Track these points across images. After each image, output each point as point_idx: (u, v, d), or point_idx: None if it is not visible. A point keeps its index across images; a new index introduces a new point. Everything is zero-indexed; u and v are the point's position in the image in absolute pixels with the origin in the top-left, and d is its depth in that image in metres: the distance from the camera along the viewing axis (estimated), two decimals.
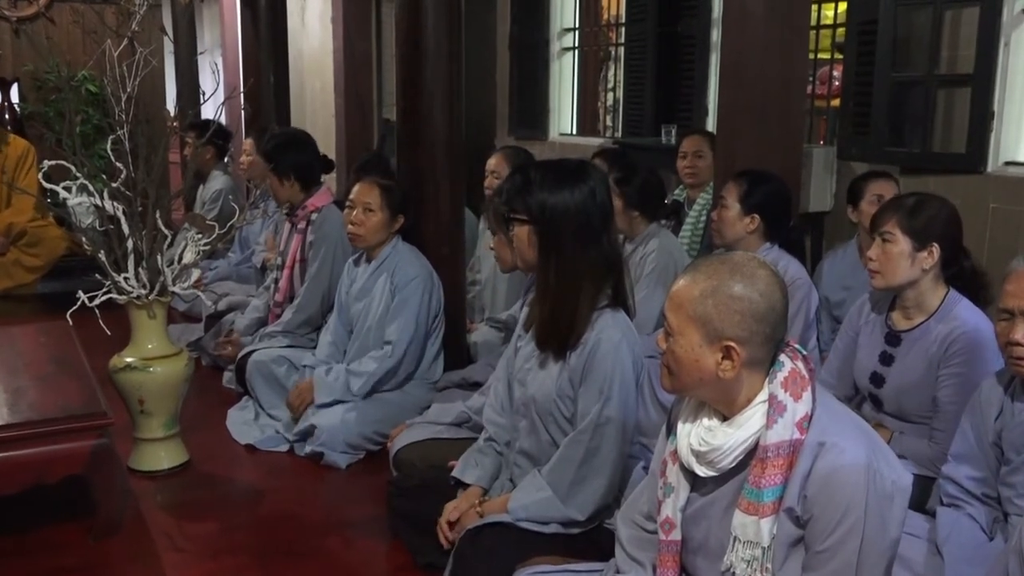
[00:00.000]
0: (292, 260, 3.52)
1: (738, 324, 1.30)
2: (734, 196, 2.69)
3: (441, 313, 3.10)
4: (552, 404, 1.93)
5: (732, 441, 1.34)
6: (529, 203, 1.89)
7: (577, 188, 1.86)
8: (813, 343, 2.74)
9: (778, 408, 1.31)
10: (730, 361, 1.32)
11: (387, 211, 3.03)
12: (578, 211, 1.86)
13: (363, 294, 3.12)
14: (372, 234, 3.03)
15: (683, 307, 1.33)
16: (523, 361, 2.02)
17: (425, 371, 3.09)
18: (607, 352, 1.85)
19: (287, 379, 3.22)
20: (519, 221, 1.92)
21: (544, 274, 1.88)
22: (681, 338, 1.34)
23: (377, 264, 3.09)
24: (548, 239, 1.87)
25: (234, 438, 3.11)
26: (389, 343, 2.99)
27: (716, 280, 1.32)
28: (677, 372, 1.36)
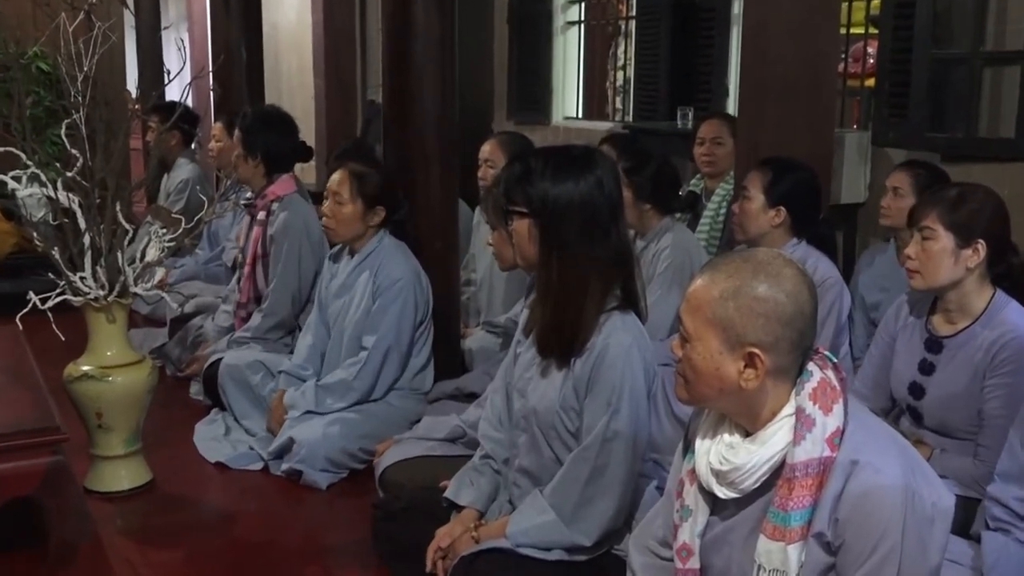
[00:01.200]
0: (253, 256, 3.53)
1: (762, 328, 1.31)
2: (757, 187, 2.70)
3: (429, 319, 3.12)
4: (555, 417, 1.93)
5: (756, 459, 1.35)
6: (529, 194, 1.89)
7: (583, 177, 1.87)
8: (845, 350, 2.75)
9: (806, 422, 1.31)
10: (753, 369, 1.32)
11: (360, 202, 3.02)
12: (584, 203, 1.86)
13: (343, 291, 3.13)
14: (344, 227, 3.03)
15: (701, 309, 1.34)
16: (523, 369, 2.03)
17: (411, 380, 3.11)
18: (616, 359, 1.85)
19: (262, 387, 3.24)
20: (518, 214, 1.92)
21: (546, 272, 1.89)
22: (699, 344, 1.35)
23: (360, 260, 3.09)
24: (550, 234, 1.88)
25: (203, 455, 3.13)
26: (365, 350, 3.01)
27: (738, 280, 1.33)
28: (694, 382, 1.37)
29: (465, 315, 3.66)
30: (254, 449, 3.10)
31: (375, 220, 3.05)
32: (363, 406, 3.03)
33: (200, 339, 3.79)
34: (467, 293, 3.73)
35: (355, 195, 3.01)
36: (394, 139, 3.31)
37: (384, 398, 3.06)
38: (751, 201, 2.71)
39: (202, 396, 3.50)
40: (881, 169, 3.75)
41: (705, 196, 3.78)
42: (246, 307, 3.55)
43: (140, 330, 4.22)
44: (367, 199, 3.02)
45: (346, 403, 3.01)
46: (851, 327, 2.87)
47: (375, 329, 3.01)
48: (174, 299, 3.02)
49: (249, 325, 3.49)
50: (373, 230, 3.08)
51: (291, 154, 3.56)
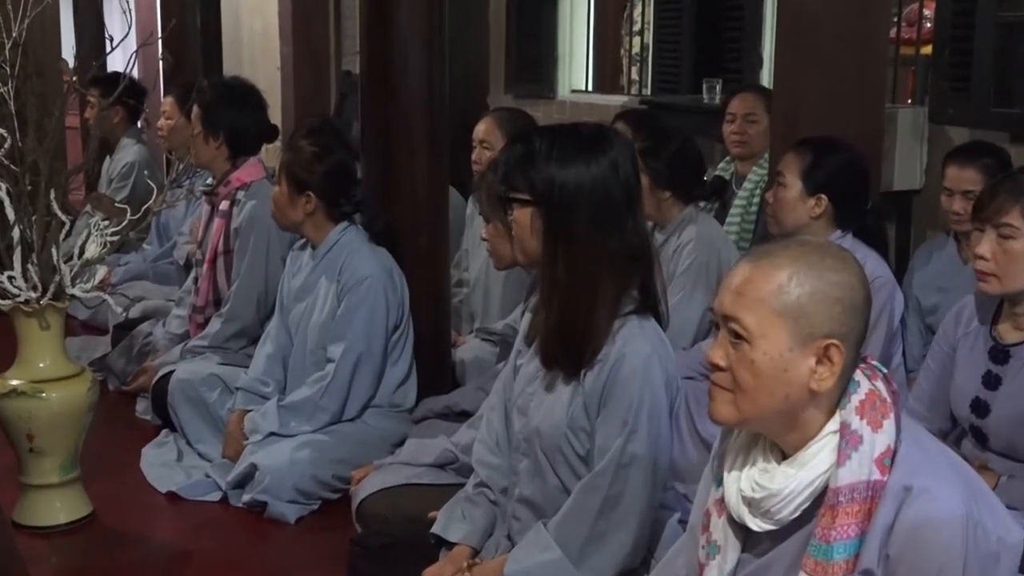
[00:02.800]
0: (213, 252, 3.53)
1: (839, 317, 1.32)
2: (794, 171, 2.71)
3: (406, 323, 3.14)
4: (562, 439, 1.93)
5: (795, 484, 1.35)
6: (532, 178, 1.90)
7: (594, 160, 1.88)
8: (898, 360, 2.75)
9: (852, 440, 1.32)
10: (828, 366, 1.32)
11: (286, 185, 3.04)
12: (595, 188, 1.87)
13: (304, 292, 3.15)
14: (278, 212, 3.10)
15: (765, 302, 1.34)
16: (524, 384, 2.03)
17: (390, 396, 3.12)
18: (633, 371, 1.85)
19: (220, 405, 3.26)
20: (519, 202, 1.93)
21: (551, 270, 1.89)
22: (764, 342, 1.34)
23: (319, 257, 3.12)
24: (556, 224, 1.88)
25: (151, 484, 3.13)
26: (331, 362, 3.02)
27: (803, 262, 1.34)
28: (753, 391, 1.35)
29: (456, 321, 3.67)
30: (211, 477, 3.10)
31: (308, 208, 3.06)
32: (335, 427, 3.05)
33: (148, 349, 3.79)
34: (459, 295, 3.73)
35: (282, 175, 3.06)
36: (373, 117, 3.32)
37: (360, 417, 3.08)
38: (787, 188, 2.71)
39: (150, 415, 3.50)
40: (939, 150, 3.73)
41: (735, 182, 3.78)
42: (204, 311, 3.56)
43: (78, 338, 4.22)
44: (293, 183, 3.05)
45: (314, 426, 3.02)
46: (903, 334, 2.87)
47: (341, 336, 3.02)
48: (118, 302, 3.03)
49: (206, 332, 3.50)
50: (327, 221, 3.09)
51: (259, 134, 3.58)
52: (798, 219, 2.71)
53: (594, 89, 6.23)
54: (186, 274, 4.01)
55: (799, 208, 2.70)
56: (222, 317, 3.47)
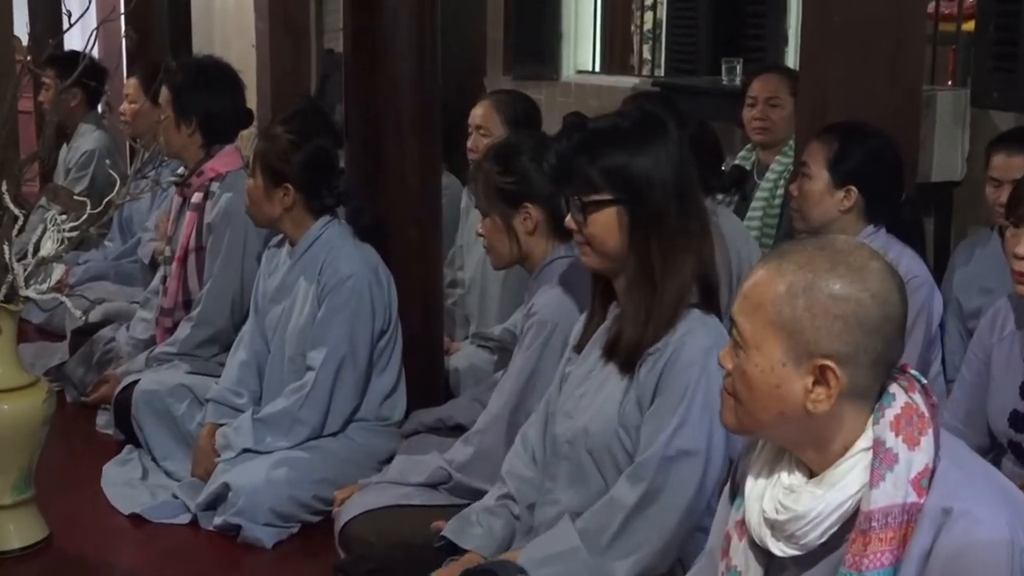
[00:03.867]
0: (184, 249, 3.53)
1: (839, 335, 1.32)
2: (820, 161, 2.71)
3: (394, 327, 3.14)
4: (612, 437, 2.00)
5: (822, 506, 1.35)
6: (609, 174, 1.98)
7: (659, 141, 2.00)
8: (937, 369, 2.76)
9: (886, 458, 1.32)
10: (825, 388, 1.34)
11: (261, 177, 3.05)
12: (673, 170, 1.99)
13: (281, 293, 3.16)
14: (254, 207, 3.11)
15: (762, 309, 1.36)
16: (573, 387, 2.11)
17: (377, 409, 3.12)
18: (692, 361, 1.93)
19: (189, 419, 3.26)
20: (599, 204, 1.99)
21: (642, 266, 1.98)
22: (756, 353, 1.37)
23: (298, 254, 3.13)
24: (646, 217, 1.98)
25: (113, 505, 3.12)
26: (311, 370, 3.02)
27: (810, 272, 1.35)
28: (747, 402, 1.39)
29: (450, 325, 3.68)
30: (179, 498, 3.09)
31: (287, 202, 3.06)
32: (316, 442, 3.04)
33: (110, 356, 3.79)
34: (453, 297, 3.74)
35: (257, 167, 3.05)
36: (358, 99, 3.32)
37: (343, 432, 3.08)
38: (813, 180, 2.72)
39: (112, 430, 3.49)
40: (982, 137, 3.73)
41: (757, 172, 3.77)
42: (172, 315, 3.55)
43: (33, 344, 4.21)
44: (268, 175, 3.04)
45: (292, 441, 3.02)
46: (943, 339, 2.87)
47: (322, 342, 3.02)
48: (76, 305, 3.02)
49: (174, 338, 3.49)
50: (307, 215, 3.09)
51: (235, 119, 3.58)
52: (825, 214, 2.71)
53: (602, 70, 6.23)
54: (151, 274, 4.00)
55: (826, 201, 2.71)
56: (192, 321, 3.46)
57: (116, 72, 5.31)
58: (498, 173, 2.55)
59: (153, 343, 3.61)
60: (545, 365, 2.43)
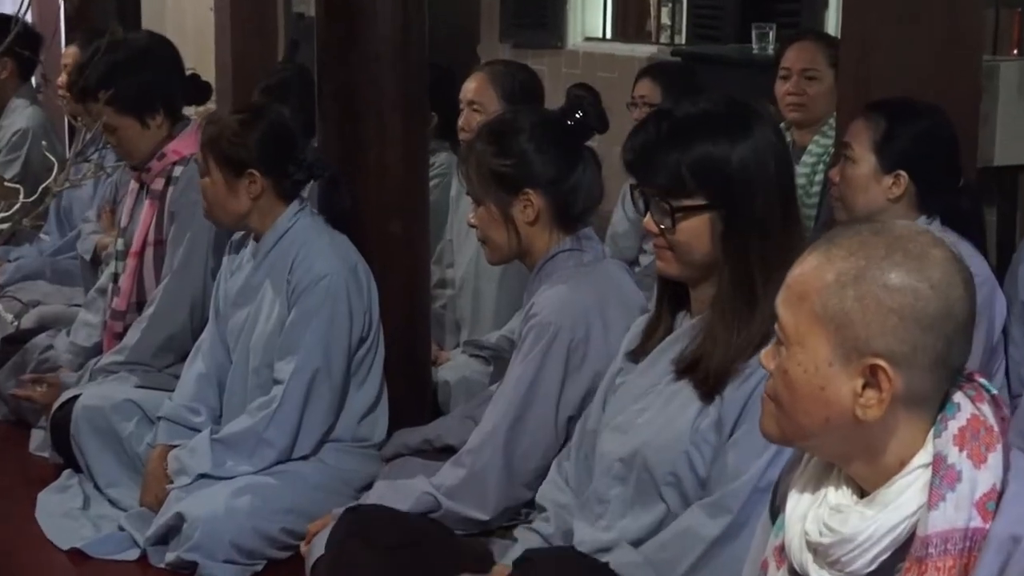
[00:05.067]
0: (142, 243, 3.52)
1: (893, 332, 1.33)
2: (865, 143, 2.71)
3: (376, 334, 3.12)
4: (680, 457, 2.01)
5: (873, 528, 1.36)
6: (701, 175, 1.99)
7: (752, 134, 2.01)
8: (1000, 381, 2.75)
9: (948, 476, 1.33)
10: (876, 391, 1.34)
11: (218, 170, 3.06)
12: (774, 167, 2.01)
13: (245, 296, 3.15)
14: (217, 209, 3.11)
15: (807, 300, 1.37)
16: (630, 401, 2.12)
17: (355, 428, 3.11)
18: None
19: (137, 440, 3.24)
20: (690, 210, 2.00)
21: (736, 277, 1.99)
22: (800, 351, 1.38)
23: (265, 250, 3.13)
24: (744, 224, 1.99)
25: (50, 539, 3.10)
26: (279, 383, 3.01)
27: (863, 259, 1.36)
28: (789, 407, 1.39)
29: (439, 331, 3.66)
30: (125, 530, 3.08)
31: (254, 191, 3.06)
32: (284, 467, 3.03)
33: (46, 367, 3.75)
34: (441, 299, 3.72)
35: (210, 161, 3.05)
36: (332, 71, 3.30)
37: (315, 455, 3.07)
38: (857, 164, 2.72)
39: (49, 452, 3.48)
40: None
41: (792, 155, 3.76)
42: (124, 318, 3.55)
43: None
44: (226, 165, 3.05)
45: (256, 465, 3.01)
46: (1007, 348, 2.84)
47: (292, 351, 3.01)
48: (7, 308, 3.11)
49: (122, 344, 3.48)
50: (277, 202, 3.10)
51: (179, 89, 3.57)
52: (871, 202, 2.71)
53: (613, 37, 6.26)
54: (93, 272, 3.99)
55: (872, 189, 2.71)
56: (143, 323, 3.45)
57: (53, 40, 5.29)
58: (493, 155, 2.54)
59: (99, 352, 3.60)
60: (547, 374, 2.43)
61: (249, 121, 3.07)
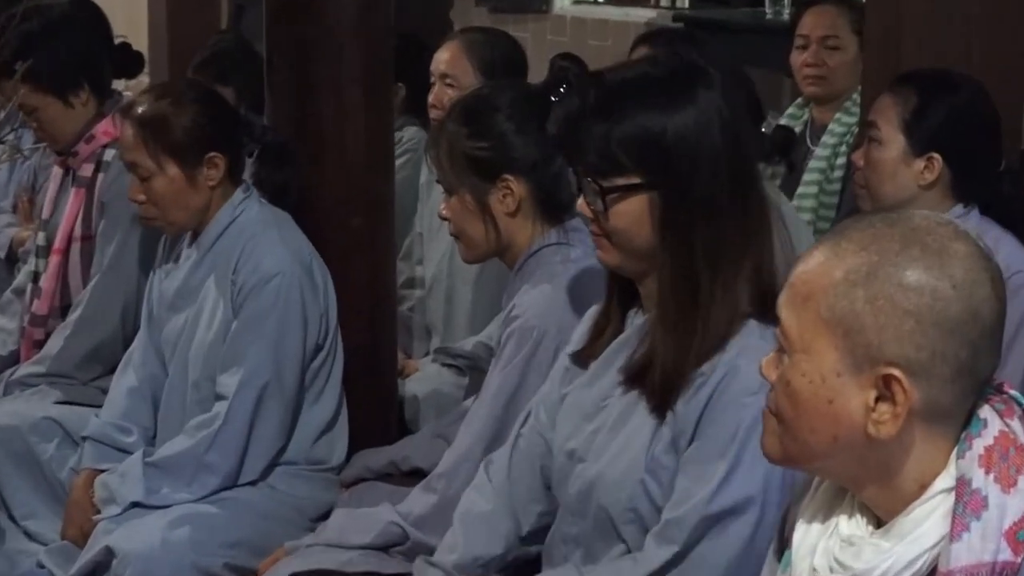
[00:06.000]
0: (67, 237, 3.53)
1: (909, 337, 1.33)
2: (892, 121, 2.72)
3: (332, 342, 3.12)
4: (636, 488, 2.00)
5: (889, 562, 1.36)
6: (639, 143, 1.96)
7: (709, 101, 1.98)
8: None
9: (973, 503, 1.33)
10: (890, 405, 1.34)
11: (171, 162, 3.02)
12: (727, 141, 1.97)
13: (183, 299, 3.14)
14: (173, 210, 3.07)
15: (812, 301, 1.38)
16: (581, 418, 2.10)
17: (309, 449, 3.11)
18: (746, 390, 1.91)
19: (59, 464, 3.24)
20: (624, 190, 1.97)
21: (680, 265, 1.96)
22: (804, 359, 1.38)
23: (206, 246, 3.12)
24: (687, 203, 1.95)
25: None
26: (223, 399, 2.99)
27: (875, 254, 1.36)
28: (793, 423, 1.40)
29: (406, 337, 3.68)
30: (46, 567, 3.06)
31: (216, 176, 3.05)
32: (229, 494, 3.01)
33: None
34: (410, 300, 3.74)
35: (156, 155, 3.01)
36: (283, 38, 3.30)
37: (264, 480, 3.05)
38: (884, 146, 2.72)
39: None
40: None
41: (810, 135, 3.78)
42: (46, 323, 3.56)
43: None
44: (184, 153, 3.02)
45: (197, 492, 2.99)
46: None
47: (237, 362, 2.99)
48: None
49: (43, 353, 3.48)
50: (230, 190, 3.10)
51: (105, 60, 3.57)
52: (900, 189, 2.71)
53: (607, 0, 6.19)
54: (8, 270, 4.00)
55: (901, 174, 2.71)
56: (68, 329, 3.44)
57: None
58: (467, 137, 2.54)
59: (15, 362, 3.60)
60: (531, 384, 2.42)
61: (185, 98, 3.07)
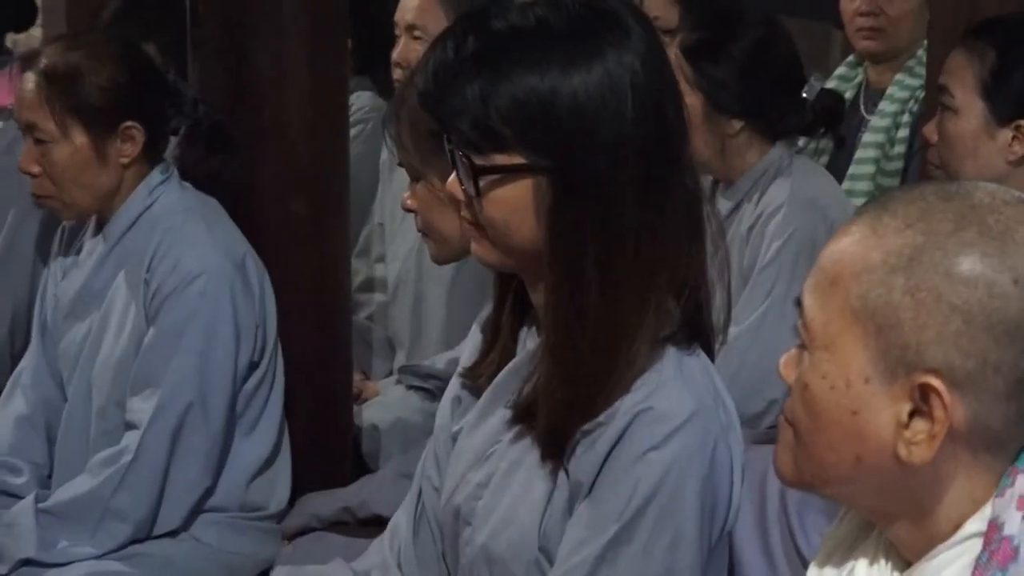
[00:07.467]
0: None
1: (956, 339, 1.31)
2: (970, 84, 2.72)
3: (271, 359, 3.11)
4: (531, 568, 1.96)
5: None
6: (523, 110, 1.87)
7: (616, 57, 1.88)
8: None
9: (1000, 553, 1.32)
10: (927, 422, 1.33)
11: (77, 128, 3.00)
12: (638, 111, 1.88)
13: (85, 305, 3.13)
14: (72, 189, 3.05)
15: (840, 287, 1.36)
16: (467, 466, 2.06)
17: (243, 492, 3.09)
18: (653, 442, 1.86)
19: None
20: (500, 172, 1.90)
21: (571, 272, 1.89)
22: (826, 357, 1.38)
23: (113, 239, 3.10)
24: (580, 194, 1.89)
25: None
26: (134, 428, 2.95)
27: (922, 234, 1.34)
28: (808, 435, 1.40)
29: (364, 352, 3.72)
30: None
31: (131, 151, 3.02)
32: (143, 547, 2.99)
33: None
34: (368, 307, 3.83)
35: (61, 117, 2.99)
36: None
37: (187, 530, 3.04)
38: (960, 115, 2.73)
39: None
40: None
41: (865, 102, 3.83)
42: None
43: None
44: (96, 118, 3.00)
45: (102, 545, 2.96)
46: None
47: (153, 382, 2.96)
48: None
49: None
50: (145, 166, 3.07)
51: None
52: (984, 168, 2.70)
53: None
54: None
55: (984, 149, 2.72)
56: None
57: None
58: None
59: None
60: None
61: (103, 53, 3.05)
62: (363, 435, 3.39)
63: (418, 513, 2.18)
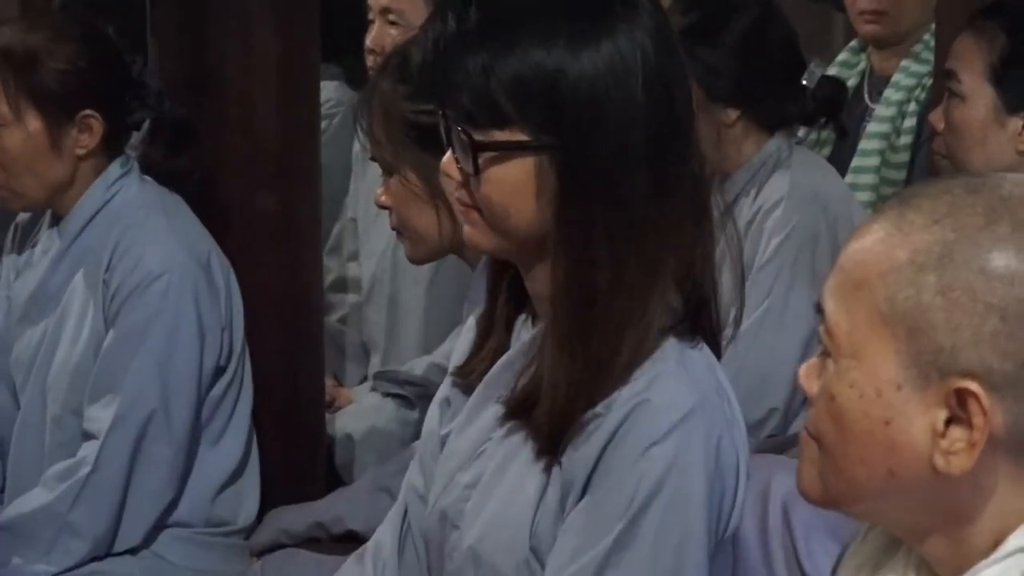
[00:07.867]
0: None
1: (992, 341, 1.30)
2: (978, 70, 2.77)
3: (237, 365, 3.12)
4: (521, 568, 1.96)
5: None
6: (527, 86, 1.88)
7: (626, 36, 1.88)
8: None
9: None
10: (966, 430, 1.31)
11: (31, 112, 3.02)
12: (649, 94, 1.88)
13: (39, 308, 3.14)
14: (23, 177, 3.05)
15: (866, 290, 1.35)
16: (456, 467, 2.05)
17: (209, 507, 3.10)
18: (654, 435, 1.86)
19: None
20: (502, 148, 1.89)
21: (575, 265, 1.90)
22: (853, 365, 1.36)
23: (70, 238, 3.10)
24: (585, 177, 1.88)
25: None
26: (92, 438, 2.94)
27: (951, 230, 1.32)
28: (836, 449, 1.39)
29: (337, 357, 3.76)
30: None
31: (88, 142, 3.03)
32: (101, 566, 3.00)
33: None
34: (341, 308, 3.84)
35: (15, 100, 3.01)
36: None
37: (149, 547, 3.04)
38: (968, 102, 2.78)
39: None
40: None
41: (869, 90, 3.88)
42: None
43: None
44: (53, 104, 3.01)
45: (59, 564, 2.97)
46: None
47: (113, 389, 2.97)
48: None
49: None
50: (103, 160, 3.08)
51: None
52: (993, 158, 2.74)
53: None
54: None
55: (993, 138, 2.76)
56: None
57: None
58: (408, 97, 2.52)
59: None
60: None
61: (64, 35, 3.07)
62: (336, 445, 3.42)
63: (404, 531, 2.18)
